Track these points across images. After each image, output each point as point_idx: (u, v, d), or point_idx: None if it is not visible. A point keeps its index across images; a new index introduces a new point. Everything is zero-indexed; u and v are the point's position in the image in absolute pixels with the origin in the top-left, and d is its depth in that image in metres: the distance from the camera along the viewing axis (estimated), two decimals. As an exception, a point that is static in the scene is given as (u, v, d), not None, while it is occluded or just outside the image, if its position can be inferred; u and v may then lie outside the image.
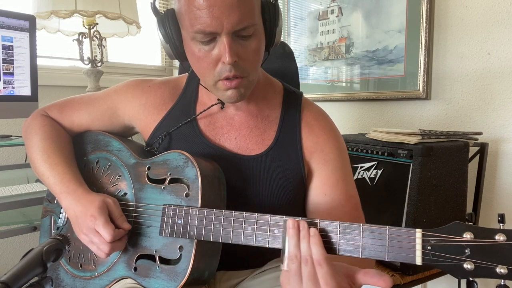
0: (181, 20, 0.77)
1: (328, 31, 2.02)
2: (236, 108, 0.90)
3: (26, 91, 1.52)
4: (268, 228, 0.68)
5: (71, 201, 0.82)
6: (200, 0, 0.70)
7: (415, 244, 0.57)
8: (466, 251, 0.55)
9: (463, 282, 1.44)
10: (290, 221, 0.65)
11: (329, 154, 0.87)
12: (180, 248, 0.76)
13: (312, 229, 0.63)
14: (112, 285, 0.83)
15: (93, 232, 0.77)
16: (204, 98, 0.92)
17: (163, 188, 0.81)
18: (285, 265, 0.63)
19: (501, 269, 0.53)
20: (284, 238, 0.65)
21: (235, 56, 0.73)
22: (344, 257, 0.63)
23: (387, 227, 0.60)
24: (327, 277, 0.59)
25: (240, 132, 0.89)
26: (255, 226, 0.69)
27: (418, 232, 0.58)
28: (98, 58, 1.98)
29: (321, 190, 0.86)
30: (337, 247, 0.63)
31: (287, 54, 1.22)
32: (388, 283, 0.57)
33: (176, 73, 2.78)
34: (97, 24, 1.90)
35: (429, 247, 0.57)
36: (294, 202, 0.88)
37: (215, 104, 0.89)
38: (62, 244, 0.71)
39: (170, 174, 0.81)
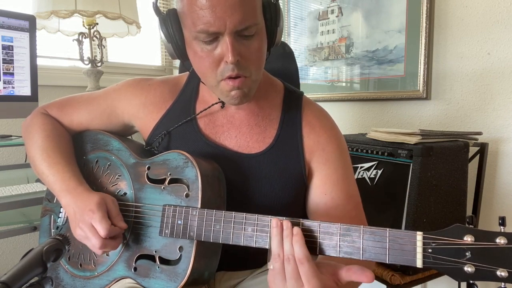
0: (183, 20, 0.77)
1: (328, 31, 2.02)
2: (237, 107, 0.89)
3: (26, 91, 1.52)
4: (269, 229, 0.68)
5: (70, 199, 0.82)
6: (203, 0, 0.70)
7: (415, 247, 0.57)
8: (467, 254, 0.55)
9: (464, 284, 1.44)
10: (274, 221, 0.66)
11: (330, 153, 0.87)
12: (180, 248, 0.76)
13: (296, 228, 0.64)
14: (112, 285, 0.83)
15: (89, 227, 0.77)
16: (205, 96, 0.92)
17: (163, 188, 0.81)
18: (270, 264, 0.64)
19: (501, 272, 0.52)
20: (269, 237, 0.67)
21: (238, 56, 0.74)
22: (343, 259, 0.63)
23: (387, 229, 0.60)
24: (309, 274, 0.60)
25: (241, 131, 0.89)
26: (256, 227, 0.69)
27: (419, 235, 0.57)
28: (98, 58, 1.98)
29: (321, 189, 0.86)
30: (338, 249, 0.63)
31: (287, 54, 1.21)
32: (370, 278, 0.58)
33: (176, 73, 2.78)
34: (97, 24, 1.89)
35: (429, 250, 0.56)
36: (294, 201, 0.88)
37: (216, 103, 0.89)
38: (62, 244, 0.71)
39: (170, 174, 0.81)
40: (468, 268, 0.54)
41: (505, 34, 1.45)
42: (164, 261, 0.78)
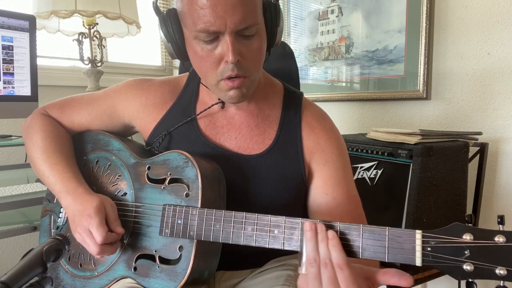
0: (184, 20, 0.77)
1: (328, 31, 2.02)
2: (237, 108, 0.90)
3: (26, 91, 1.52)
4: (268, 228, 0.68)
5: (70, 200, 0.82)
6: None
7: (415, 245, 0.57)
8: (466, 252, 0.55)
9: (463, 282, 1.44)
10: (308, 224, 0.63)
11: (330, 154, 0.87)
12: (180, 248, 0.76)
13: (331, 232, 0.62)
14: (112, 284, 0.83)
15: (86, 232, 0.77)
16: (205, 97, 0.92)
17: (163, 188, 0.81)
18: (303, 269, 0.62)
19: (500, 271, 0.53)
20: (301, 240, 0.64)
21: (238, 55, 0.74)
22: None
23: (387, 228, 0.60)
24: (348, 281, 0.58)
25: (241, 132, 0.89)
26: (255, 227, 0.69)
27: (418, 233, 0.57)
28: (98, 58, 1.98)
29: (322, 189, 0.86)
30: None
31: (287, 54, 1.22)
32: (410, 281, 0.56)
33: (176, 73, 2.78)
34: (97, 24, 1.90)
35: (428, 248, 0.57)
36: (294, 202, 0.88)
37: (216, 103, 0.90)
38: (62, 244, 0.71)
39: (170, 174, 0.81)
40: (467, 267, 0.54)
41: (505, 34, 1.45)
42: (164, 261, 0.78)
